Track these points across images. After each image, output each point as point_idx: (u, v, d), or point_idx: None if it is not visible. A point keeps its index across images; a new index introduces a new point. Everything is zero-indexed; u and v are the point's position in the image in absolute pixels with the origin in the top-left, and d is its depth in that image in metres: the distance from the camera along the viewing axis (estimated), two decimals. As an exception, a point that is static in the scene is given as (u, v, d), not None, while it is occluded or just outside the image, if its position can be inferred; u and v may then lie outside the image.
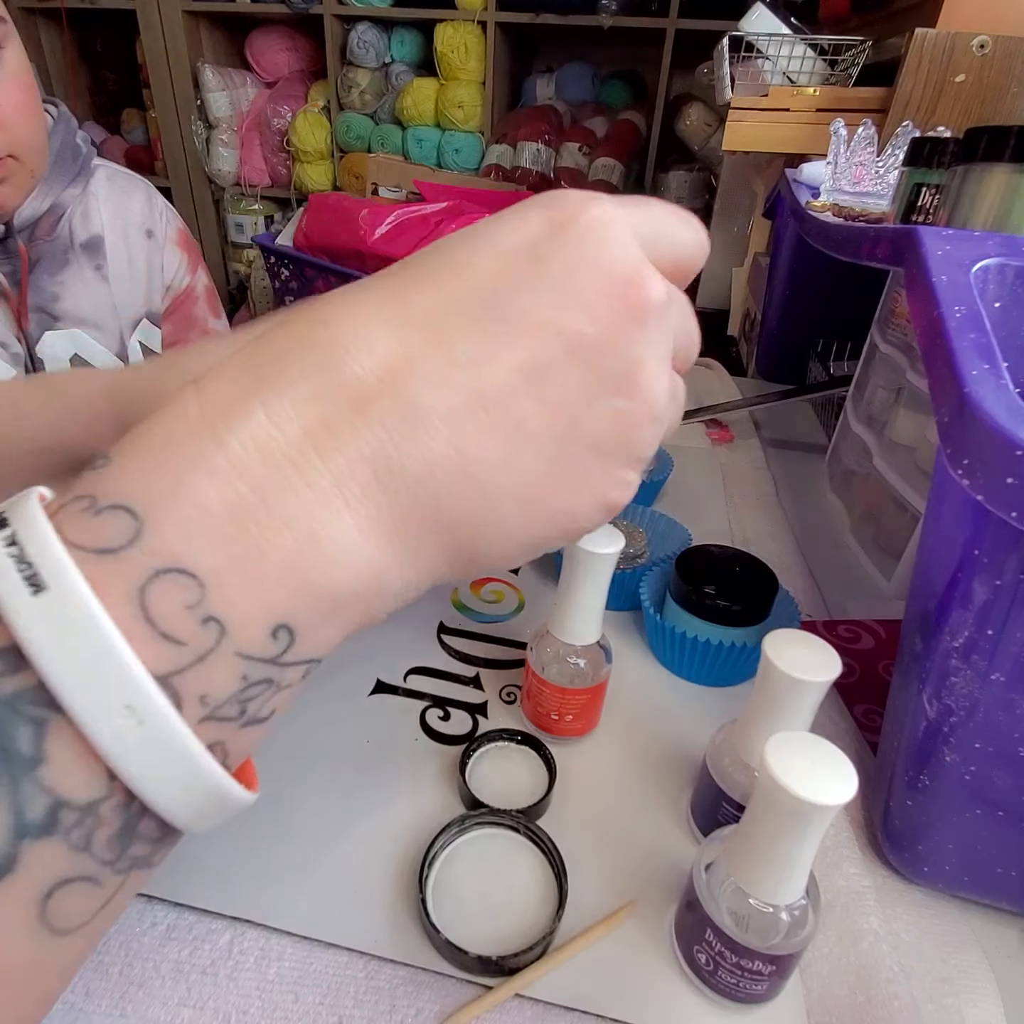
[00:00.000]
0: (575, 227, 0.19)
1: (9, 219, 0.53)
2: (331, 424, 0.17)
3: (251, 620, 0.16)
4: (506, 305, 0.18)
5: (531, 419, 0.18)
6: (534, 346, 0.18)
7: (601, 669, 0.35)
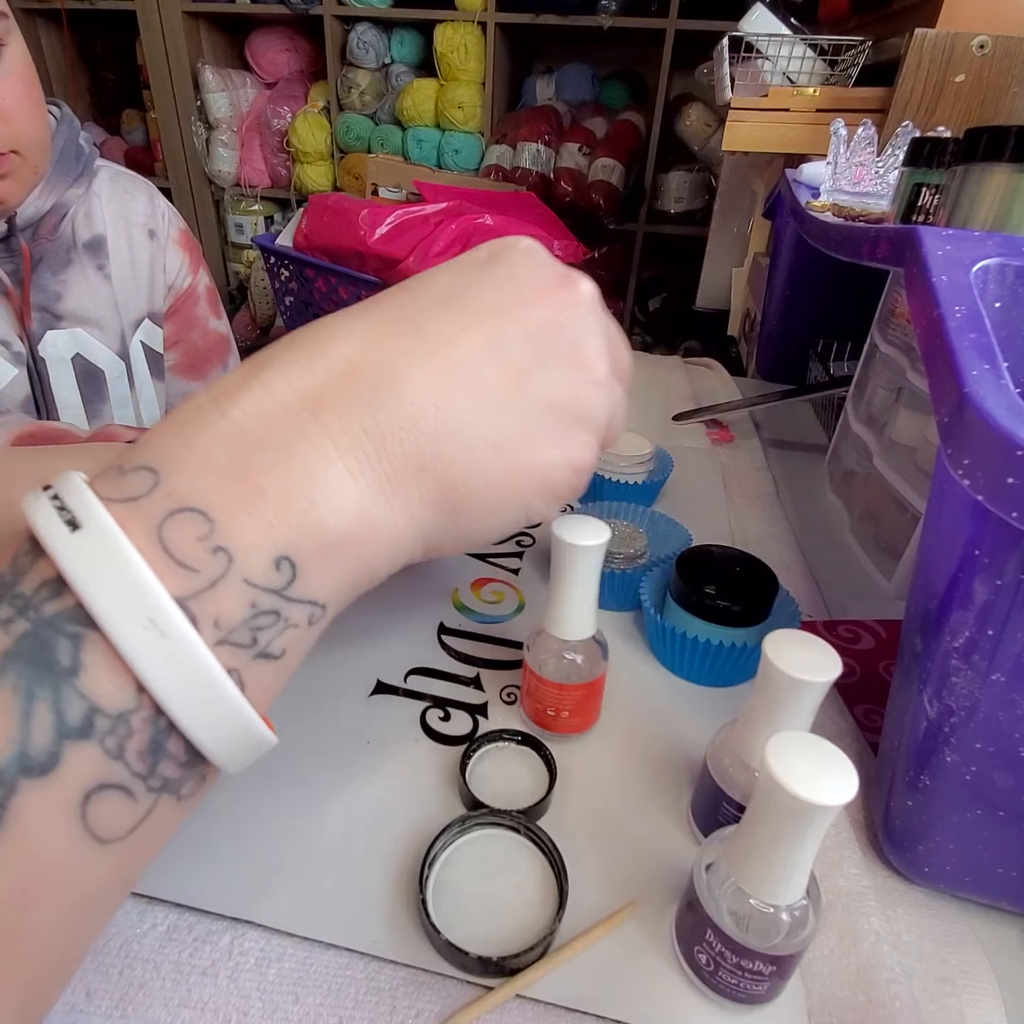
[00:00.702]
0: (512, 248, 0.24)
1: (12, 217, 0.53)
2: (321, 391, 0.20)
3: (255, 549, 0.18)
4: (464, 299, 0.23)
5: (494, 380, 0.22)
6: (490, 324, 0.22)
7: (597, 664, 0.35)
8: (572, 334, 0.23)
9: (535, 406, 0.23)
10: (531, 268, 0.24)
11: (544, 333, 0.23)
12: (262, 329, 2.24)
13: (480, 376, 0.22)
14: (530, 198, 1.65)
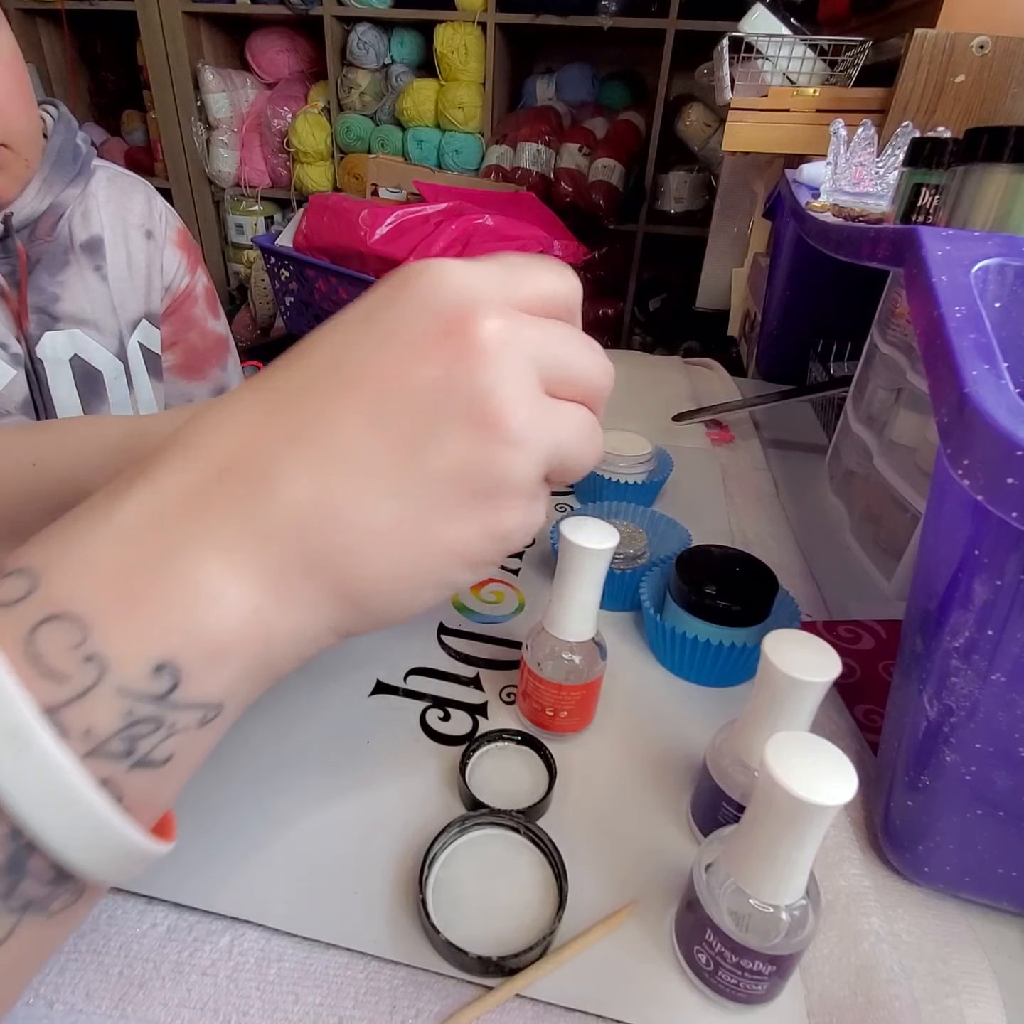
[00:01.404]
0: (411, 282, 0.21)
1: (8, 218, 0.53)
2: (200, 490, 0.19)
3: (132, 658, 0.18)
4: (346, 366, 0.20)
5: (380, 461, 0.20)
6: (372, 394, 0.20)
7: (596, 666, 0.35)
8: (468, 390, 0.20)
9: (432, 483, 0.20)
10: (421, 315, 0.20)
11: (433, 395, 0.20)
12: (262, 330, 2.24)
13: (365, 458, 0.20)
14: (530, 198, 1.65)
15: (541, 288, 0.22)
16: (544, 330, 0.21)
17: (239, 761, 0.34)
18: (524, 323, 0.21)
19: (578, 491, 0.60)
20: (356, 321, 0.21)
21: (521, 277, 0.22)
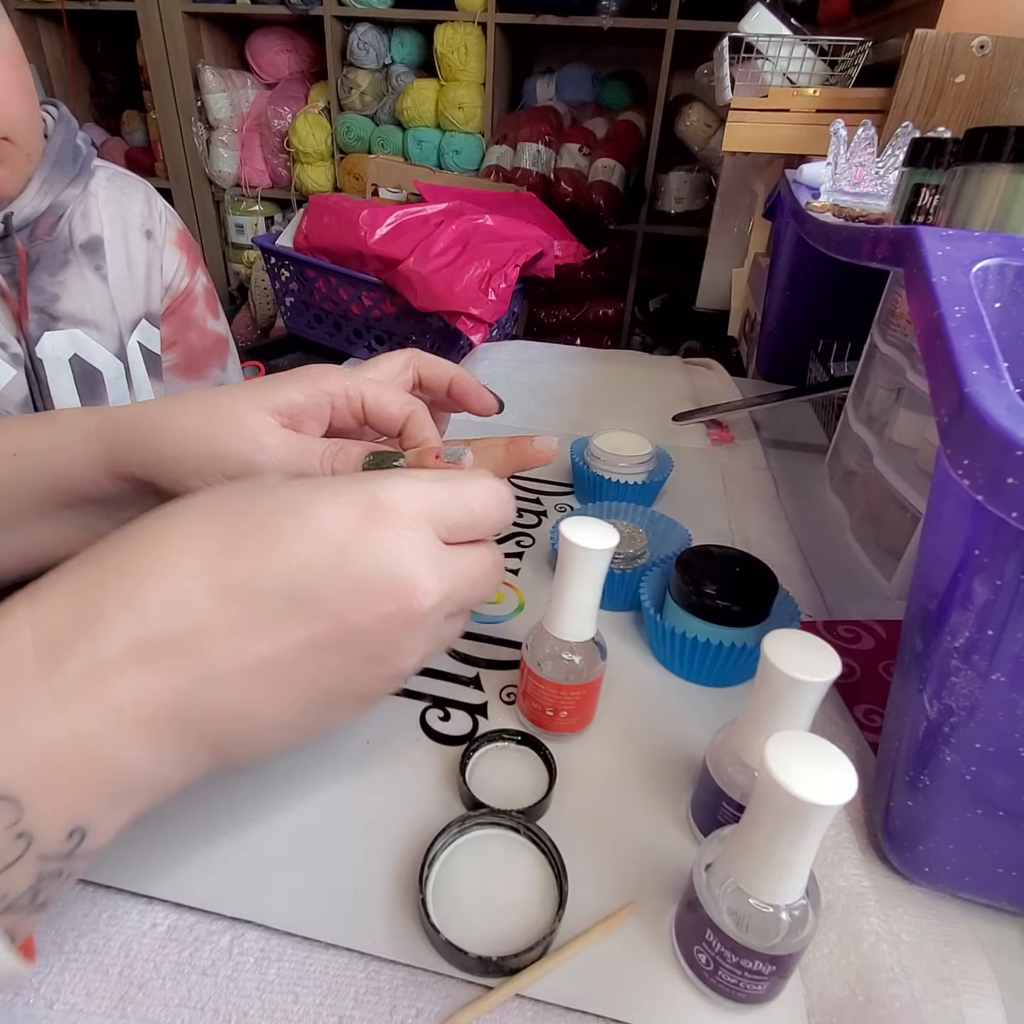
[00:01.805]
0: (381, 530, 0.24)
1: (8, 217, 0.53)
2: (131, 672, 0.21)
3: (55, 828, 0.20)
4: (306, 593, 0.23)
5: (304, 679, 0.23)
6: (319, 628, 0.23)
7: (596, 666, 0.35)
8: (392, 645, 0.25)
9: (338, 698, 0.25)
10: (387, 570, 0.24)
11: (367, 642, 0.24)
12: (262, 330, 2.24)
13: (292, 674, 0.23)
14: (530, 198, 1.65)
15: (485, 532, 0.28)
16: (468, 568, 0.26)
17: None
18: (444, 601, 0.25)
19: (578, 491, 0.60)
20: (329, 544, 0.23)
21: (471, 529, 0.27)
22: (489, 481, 0.27)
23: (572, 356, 0.95)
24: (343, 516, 0.23)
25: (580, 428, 0.70)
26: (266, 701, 0.23)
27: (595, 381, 0.86)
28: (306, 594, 0.22)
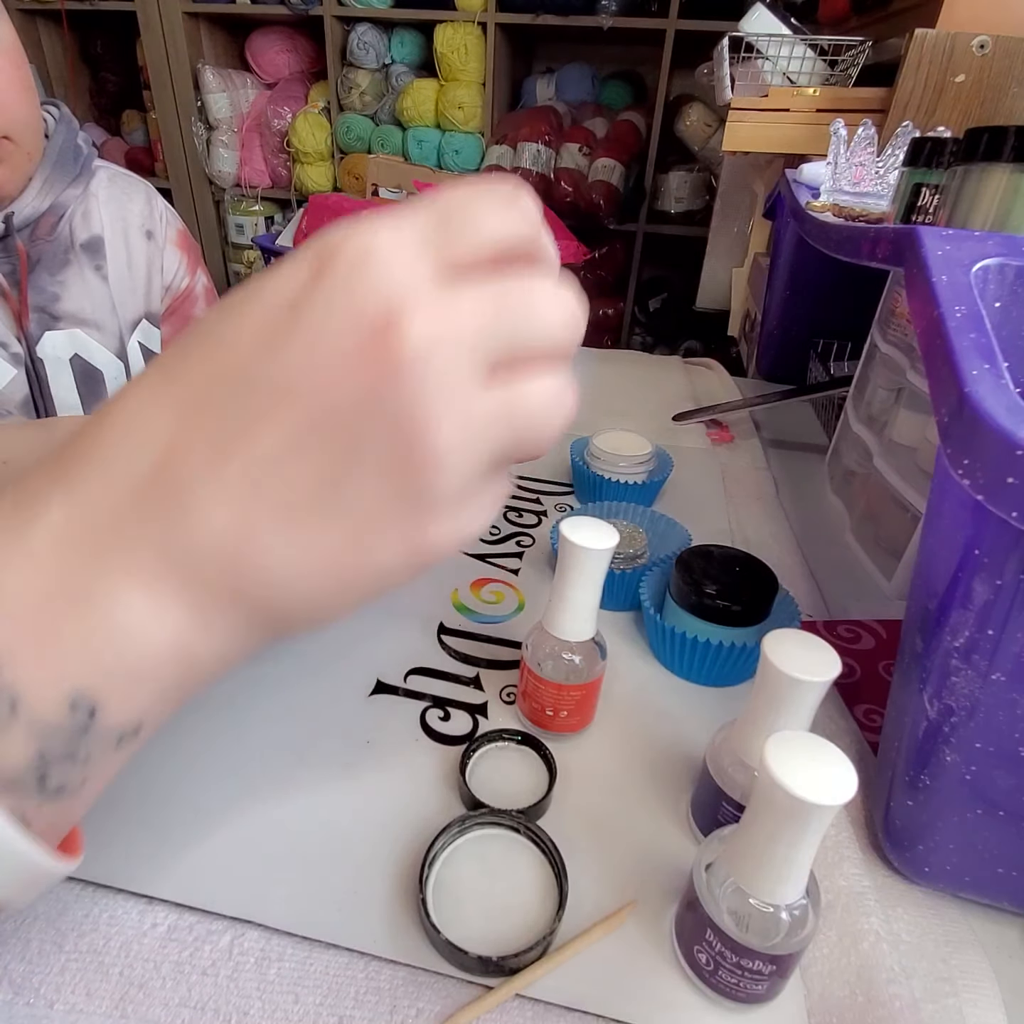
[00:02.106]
0: (332, 267, 0.18)
1: (9, 217, 0.53)
2: (115, 514, 0.18)
3: (47, 690, 0.17)
4: (260, 376, 0.18)
5: (301, 488, 0.18)
6: (287, 418, 0.18)
7: (596, 665, 0.35)
8: (392, 411, 0.18)
9: (354, 512, 0.19)
10: (346, 309, 0.17)
11: (356, 416, 0.18)
12: (262, 329, 2.24)
13: (286, 487, 0.18)
14: (530, 198, 1.65)
15: (485, 234, 0.19)
16: (487, 301, 0.18)
17: (239, 762, 0.34)
18: (459, 308, 0.18)
19: (578, 491, 0.60)
20: (277, 309, 0.18)
21: (460, 228, 0.19)
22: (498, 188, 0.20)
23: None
24: (291, 274, 0.18)
25: (580, 428, 0.69)
26: (259, 520, 0.18)
27: (595, 381, 0.86)
28: (257, 380, 0.18)
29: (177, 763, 0.34)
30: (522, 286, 0.19)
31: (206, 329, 0.19)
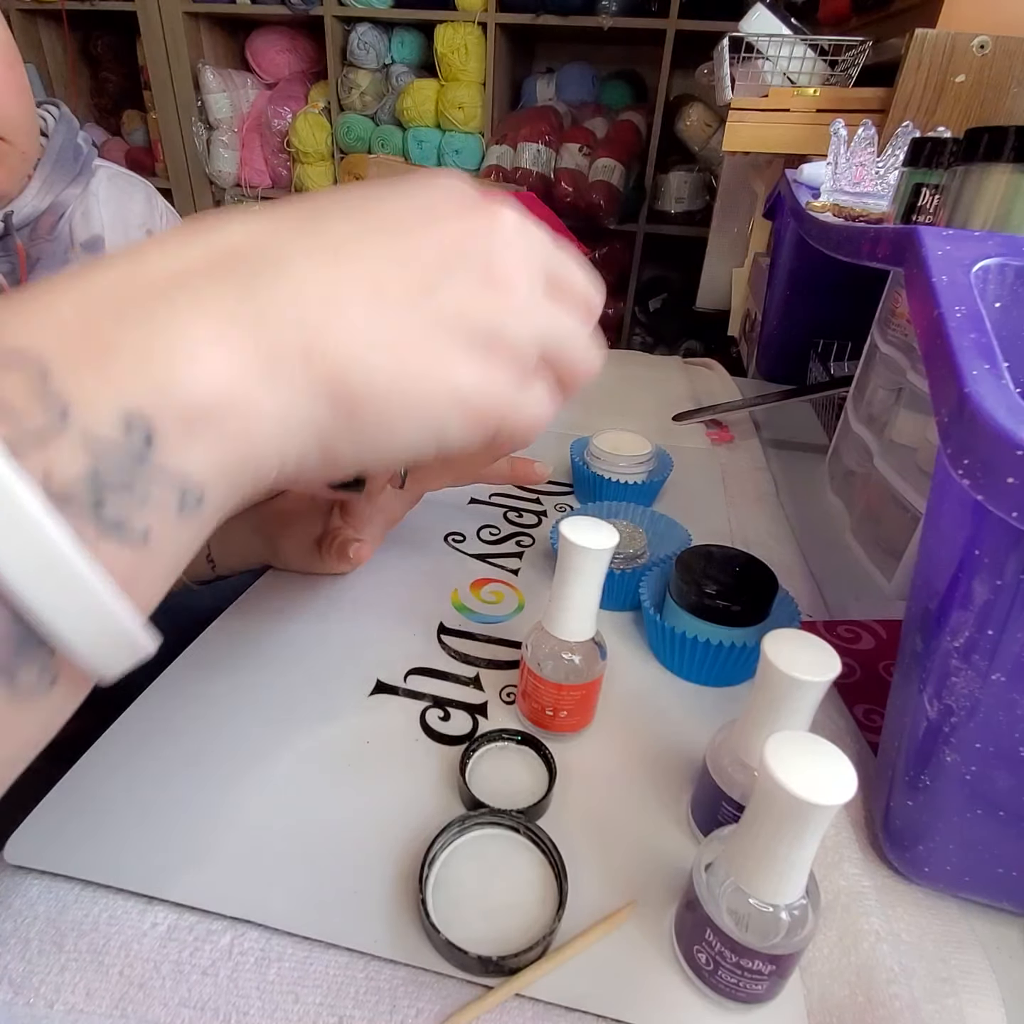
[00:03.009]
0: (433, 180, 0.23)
1: (8, 216, 0.53)
2: (197, 267, 0.18)
3: (100, 402, 0.16)
4: (374, 209, 0.22)
5: (394, 287, 0.20)
6: (397, 233, 0.21)
7: (596, 665, 0.35)
8: (487, 250, 0.22)
9: (438, 317, 0.21)
10: (449, 193, 0.23)
11: (453, 247, 0.22)
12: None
13: (379, 280, 0.20)
14: (530, 198, 1.65)
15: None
16: (550, 245, 0.25)
17: (239, 761, 0.34)
18: (536, 232, 0.24)
19: (578, 491, 0.60)
20: (379, 188, 0.23)
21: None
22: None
23: (572, 356, 0.95)
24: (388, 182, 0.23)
25: (580, 428, 0.70)
26: (351, 301, 0.20)
27: (595, 381, 0.86)
28: (374, 211, 0.22)
29: (177, 763, 0.34)
30: (570, 253, 0.26)
31: (306, 195, 0.22)
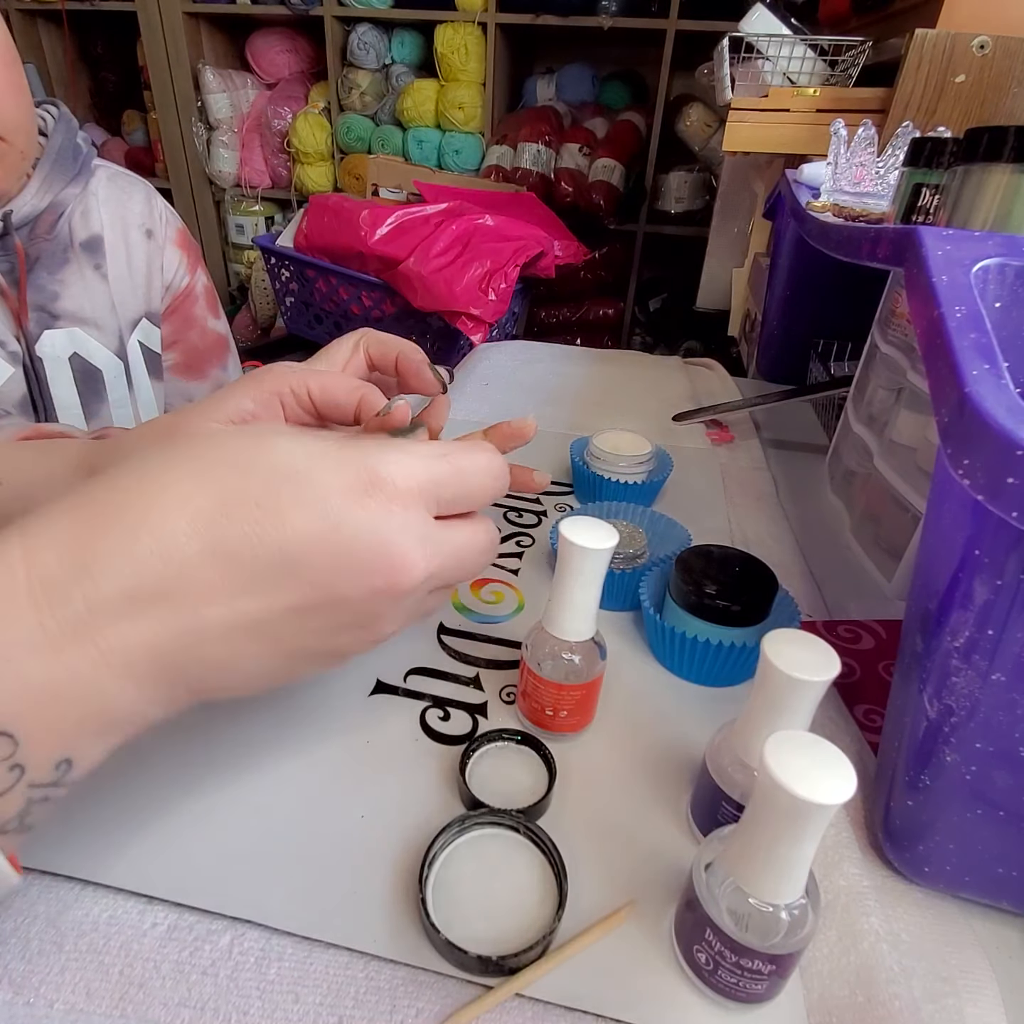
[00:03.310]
0: (376, 507, 0.24)
1: (8, 215, 0.53)
2: (130, 615, 0.22)
3: (45, 760, 0.21)
4: (298, 562, 0.23)
5: (287, 638, 0.25)
6: (307, 595, 0.24)
7: (596, 665, 0.35)
8: (374, 614, 0.26)
9: (316, 656, 0.27)
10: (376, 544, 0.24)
11: (351, 610, 0.25)
12: (262, 330, 2.24)
13: (277, 634, 0.24)
14: (530, 199, 1.65)
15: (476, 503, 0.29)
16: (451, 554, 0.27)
17: (239, 762, 0.34)
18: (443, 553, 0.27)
19: (578, 491, 0.60)
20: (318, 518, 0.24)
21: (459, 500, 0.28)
22: (486, 456, 0.28)
23: (572, 356, 0.95)
24: (339, 490, 0.24)
25: (580, 428, 0.70)
26: (248, 655, 0.24)
27: (595, 381, 0.86)
28: (298, 564, 0.23)
29: (176, 763, 0.34)
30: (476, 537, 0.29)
31: (260, 487, 0.24)
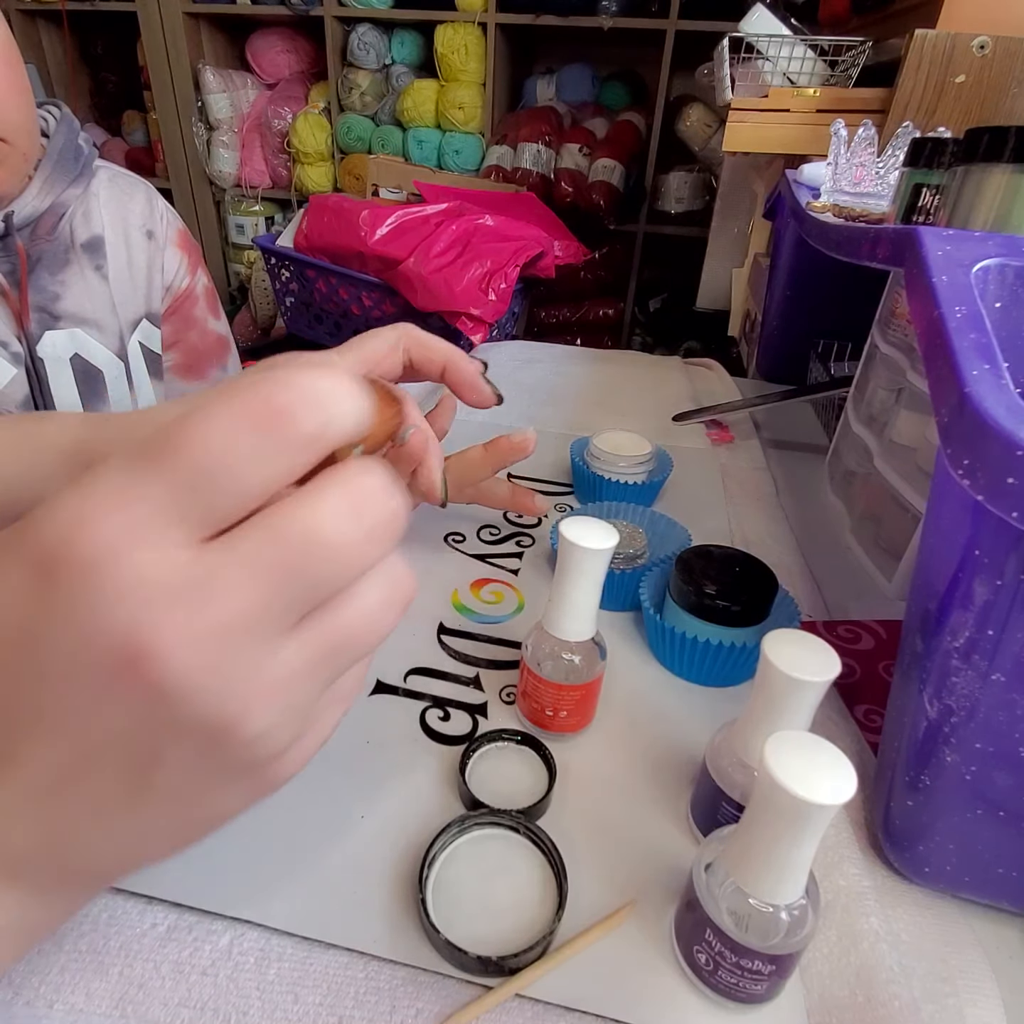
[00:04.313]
0: (61, 581, 0.15)
1: (9, 216, 0.53)
2: None
3: None
4: (18, 706, 0.16)
5: (99, 793, 0.17)
6: (57, 747, 0.17)
7: (596, 666, 0.35)
8: (182, 718, 0.16)
9: (174, 795, 0.18)
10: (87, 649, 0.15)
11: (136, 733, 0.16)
12: (263, 330, 2.24)
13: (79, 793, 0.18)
14: (530, 199, 1.65)
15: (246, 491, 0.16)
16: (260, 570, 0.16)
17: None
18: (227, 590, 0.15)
19: (578, 491, 0.60)
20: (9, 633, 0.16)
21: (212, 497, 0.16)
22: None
23: (572, 356, 0.95)
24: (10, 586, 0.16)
25: (580, 428, 0.70)
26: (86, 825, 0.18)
27: (595, 381, 0.86)
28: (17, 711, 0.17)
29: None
30: (303, 528, 0.16)
31: None
